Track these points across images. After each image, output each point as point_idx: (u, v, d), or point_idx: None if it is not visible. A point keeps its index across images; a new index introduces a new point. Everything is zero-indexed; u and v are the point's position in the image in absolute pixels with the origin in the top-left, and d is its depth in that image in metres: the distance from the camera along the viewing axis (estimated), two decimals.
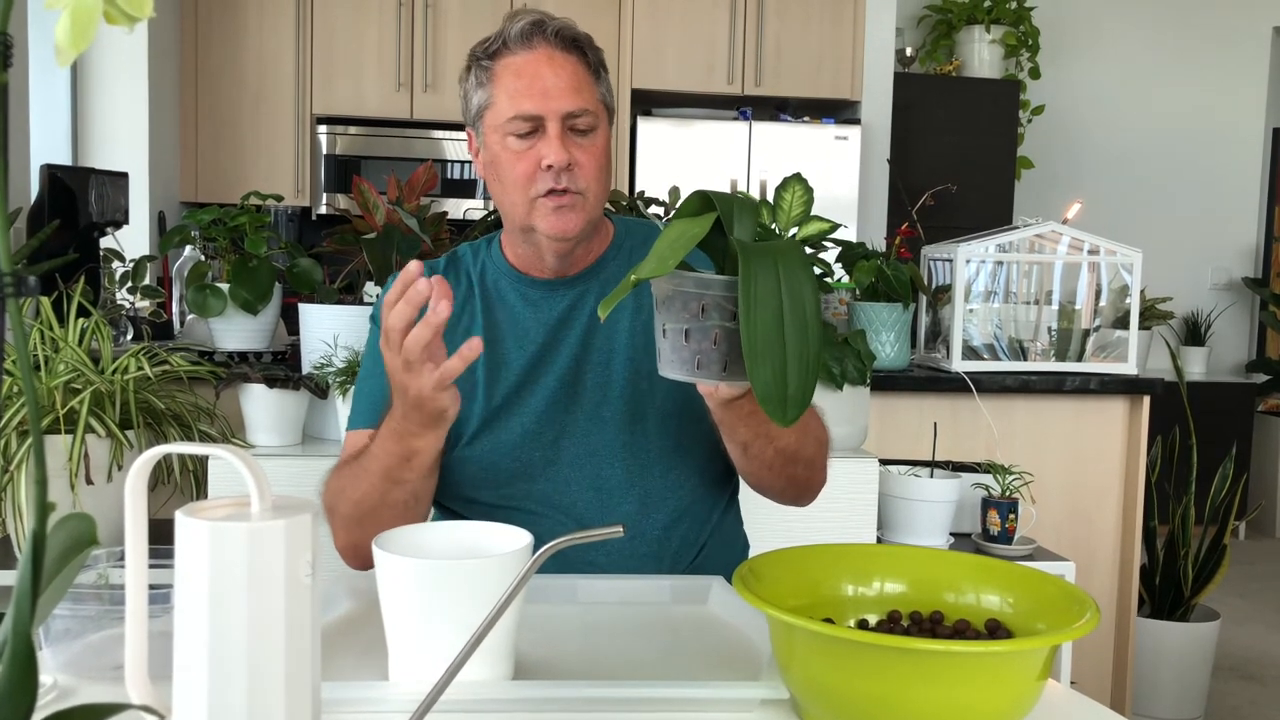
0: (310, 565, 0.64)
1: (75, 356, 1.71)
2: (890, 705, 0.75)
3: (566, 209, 1.24)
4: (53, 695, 0.85)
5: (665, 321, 0.92)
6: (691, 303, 0.90)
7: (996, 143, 4.81)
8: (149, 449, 0.64)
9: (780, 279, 0.85)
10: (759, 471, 1.24)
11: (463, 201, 4.46)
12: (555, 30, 1.24)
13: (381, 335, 1.05)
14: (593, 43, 1.29)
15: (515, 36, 1.24)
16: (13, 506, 1.64)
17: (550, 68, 1.23)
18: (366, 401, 1.30)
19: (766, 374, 0.84)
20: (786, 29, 4.45)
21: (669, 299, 0.91)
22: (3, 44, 0.44)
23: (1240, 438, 4.83)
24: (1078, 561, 2.30)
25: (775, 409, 0.85)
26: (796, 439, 1.21)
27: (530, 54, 1.23)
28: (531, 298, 1.32)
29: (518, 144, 1.23)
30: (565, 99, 1.22)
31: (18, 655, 0.48)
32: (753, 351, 0.84)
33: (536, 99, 1.22)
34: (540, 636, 0.99)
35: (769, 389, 0.84)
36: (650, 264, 0.86)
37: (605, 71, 1.31)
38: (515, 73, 1.23)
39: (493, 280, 1.35)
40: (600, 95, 1.28)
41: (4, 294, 0.45)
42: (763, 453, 1.19)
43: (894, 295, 2.35)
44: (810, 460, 1.26)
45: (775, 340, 0.84)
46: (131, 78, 3.93)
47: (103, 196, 2.38)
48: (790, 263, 0.86)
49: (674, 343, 0.92)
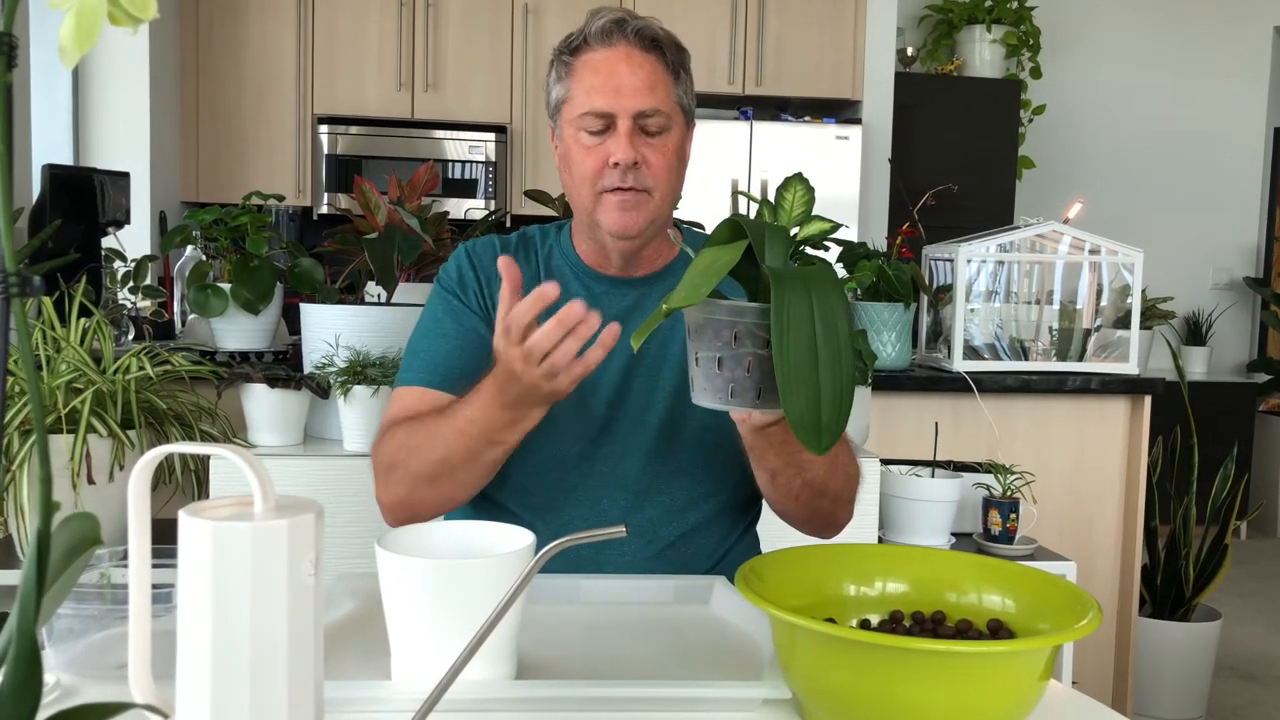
0: (313, 565, 0.65)
1: (77, 356, 1.71)
2: (892, 705, 0.75)
3: (630, 207, 1.24)
4: (56, 695, 0.85)
5: (698, 349, 0.92)
6: (724, 330, 0.89)
7: (997, 142, 4.81)
8: (151, 449, 0.64)
9: (813, 305, 0.85)
10: (785, 501, 1.24)
11: (464, 201, 4.46)
12: (636, 29, 1.24)
13: (501, 329, 1.04)
14: (676, 44, 1.29)
15: (596, 33, 1.24)
16: (15, 506, 1.64)
17: (627, 66, 1.23)
18: (425, 360, 1.29)
19: (800, 401, 0.84)
20: (787, 29, 4.45)
21: (701, 327, 0.91)
22: (8, 44, 0.44)
23: (1241, 437, 4.83)
24: (1079, 561, 2.30)
25: (809, 436, 0.85)
26: (825, 472, 1.21)
27: (609, 51, 1.24)
28: (595, 291, 1.32)
29: (589, 139, 1.24)
30: (638, 98, 1.22)
31: (22, 654, 0.48)
32: (786, 378, 0.83)
33: (609, 96, 1.22)
34: (543, 636, 0.99)
35: (802, 416, 0.84)
36: (682, 292, 0.85)
37: (686, 73, 1.30)
38: (593, 69, 1.24)
39: (558, 267, 1.35)
40: (677, 97, 1.28)
41: (8, 293, 0.45)
42: (790, 482, 1.19)
43: (895, 295, 2.35)
44: (837, 495, 1.26)
45: (809, 367, 0.84)
46: (133, 78, 3.93)
47: (104, 196, 2.38)
48: (823, 289, 0.86)
49: (707, 371, 0.92)
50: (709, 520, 1.31)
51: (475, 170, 4.48)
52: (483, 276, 1.33)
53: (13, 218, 0.45)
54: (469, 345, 1.30)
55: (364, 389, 1.81)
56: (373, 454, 1.27)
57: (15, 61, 0.46)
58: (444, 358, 1.29)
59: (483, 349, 1.30)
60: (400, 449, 1.21)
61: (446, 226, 2.07)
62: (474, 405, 1.15)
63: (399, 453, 1.21)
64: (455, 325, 1.31)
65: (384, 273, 1.87)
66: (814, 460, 1.18)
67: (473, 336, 1.30)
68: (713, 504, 1.31)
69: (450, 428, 1.17)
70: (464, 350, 1.29)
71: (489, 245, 1.36)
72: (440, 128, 4.48)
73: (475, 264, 1.34)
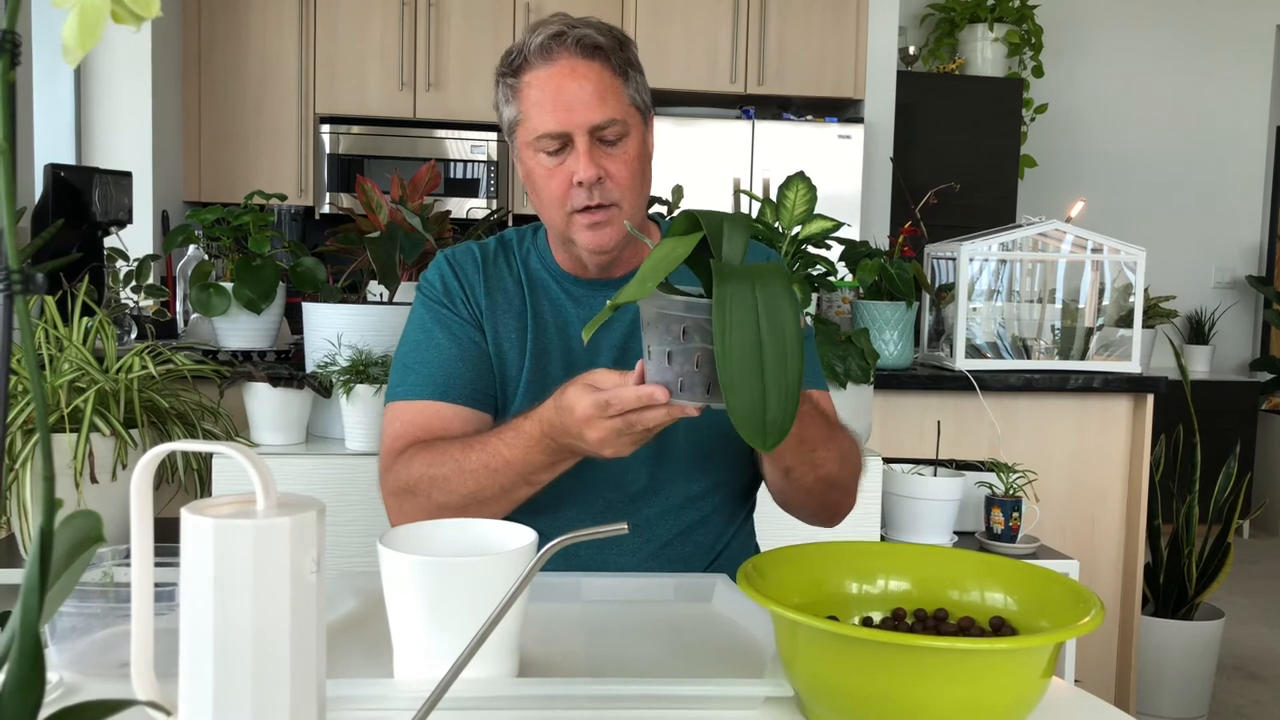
0: (315, 562, 0.65)
1: (80, 355, 1.71)
2: (894, 703, 0.75)
3: (602, 225, 1.23)
4: (58, 693, 0.85)
5: (650, 343, 0.92)
6: (674, 325, 0.89)
7: (999, 141, 4.81)
8: (153, 447, 0.64)
9: (758, 302, 0.83)
10: (797, 496, 1.24)
11: (466, 200, 4.46)
12: (576, 40, 1.21)
13: (602, 400, 1.00)
14: (619, 44, 1.25)
15: (536, 51, 1.21)
16: (17, 504, 1.64)
17: (573, 81, 1.20)
18: (421, 373, 1.28)
19: (744, 399, 0.83)
20: (789, 28, 4.45)
21: (653, 321, 0.91)
22: (11, 42, 0.44)
23: (1244, 436, 4.83)
24: (1081, 560, 2.30)
25: (754, 434, 0.84)
26: (839, 466, 1.20)
27: (552, 67, 1.20)
28: (576, 295, 1.32)
29: (548, 160, 1.22)
30: (589, 112, 1.20)
31: (25, 651, 0.48)
32: (729, 376, 0.83)
33: (561, 115, 1.20)
34: (544, 634, 0.99)
35: (747, 414, 0.83)
36: (631, 287, 0.85)
37: (635, 69, 1.26)
38: (539, 88, 1.21)
39: (536, 270, 1.35)
40: (630, 98, 1.24)
41: (11, 291, 0.45)
42: (804, 479, 1.19)
43: (897, 294, 2.35)
44: (846, 485, 1.26)
45: (753, 366, 0.83)
46: (135, 77, 3.93)
47: (106, 196, 2.38)
48: (770, 286, 0.84)
49: (658, 364, 0.92)
50: (706, 517, 1.31)
51: (477, 169, 4.48)
52: (466, 284, 1.32)
53: (15, 216, 0.45)
54: (466, 354, 1.29)
55: (366, 388, 1.81)
56: (386, 472, 1.25)
57: (18, 60, 0.46)
58: (440, 368, 1.27)
59: (479, 356, 1.30)
60: (424, 479, 1.19)
61: (449, 226, 2.07)
62: (514, 448, 1.14)
63: (421, 482, 1.19)
64: (447, 335, 1.29)
65: (386, 272, 1.87)
66: (828, 457, 1.17)
67: (468, 345, 1.29)
68: (710, 501, 1.31)
69: (482, 466, 1.15)
70: (462, 359, 1.28)
71: (468, 253, 1.35)
72: (442, 127, 4.48)
73: (458, 272, 1.33)
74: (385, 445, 1.27)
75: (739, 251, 0.89)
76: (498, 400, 1.31)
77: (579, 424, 1.03)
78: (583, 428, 1.03)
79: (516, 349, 1.30)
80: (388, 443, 1.26)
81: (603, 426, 1.01)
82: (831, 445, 1.19)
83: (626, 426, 1.00)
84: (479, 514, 1.16)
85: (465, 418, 1.26)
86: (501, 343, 1.31)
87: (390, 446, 1.26)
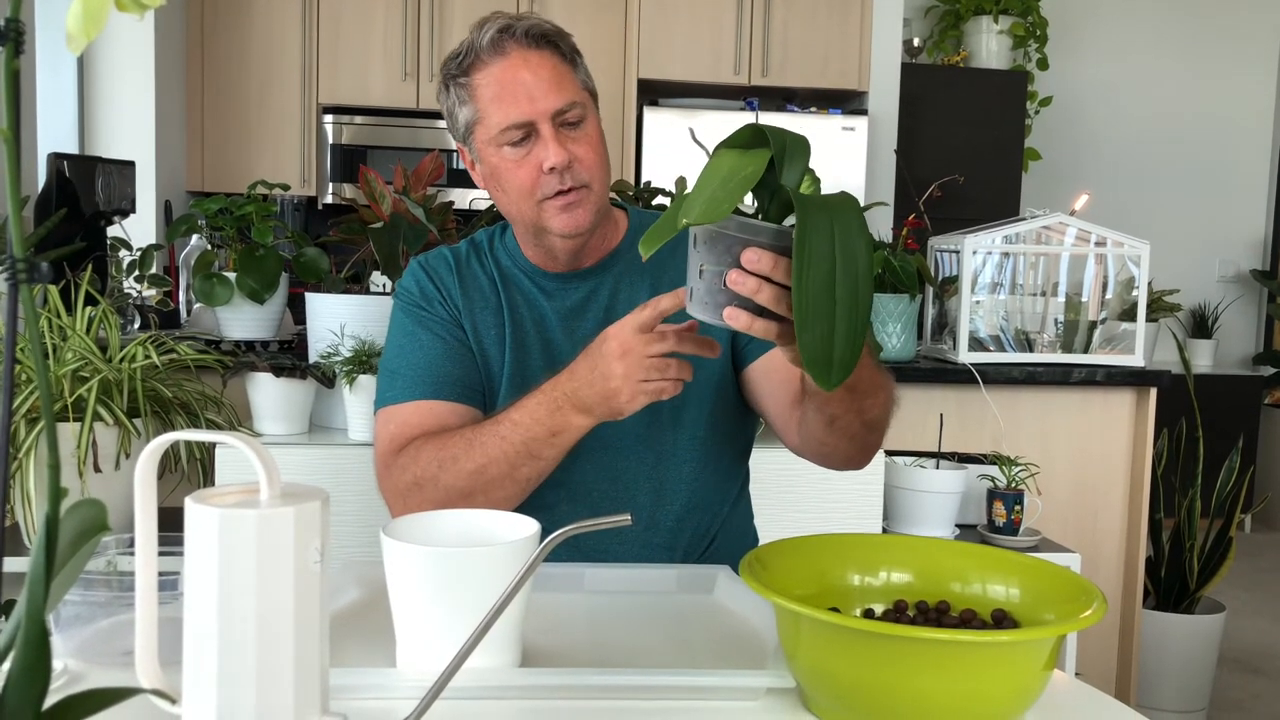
0: (319, 552, 0.65)
1: (83, 345, 1.72)
2: (896, 694, 0.75)
3: (575, 205, 1.24)
4: (63, 680, 0.85)
5: (704, 262, 0.87)
6: (735, 247, 0.85)
7: (1004, 134, 4.79)
8: (157, 437, 0.64)
9: (835, 237, 0.80)
10: (838, 442, 1.19)
11: (469, 191, 4.46)
12: (524, 30, 1.23)
13: (645, 326, 1.07)
14: (562, 32, 1.28)
15: (486, 46, 1.23)
16: (22, 493, 1.64)
17: (528, 69, 1.22)
18: (409, 375, 1.28)
19: (815, 337, 0.80)
20: (793, 19, 4.44)
21: (712, 240, 0.86)
22: (15, 31, 0.44)
23: (1247, 431, 4.82)
24: (1083, 553, 2.30)
25: (821, 373, 0.81)
26: (884, 409, 1.16)
27: (504, 61, 1.22)
28: (548, 289, 1.33)
29: (514, 152, 1.23)
30: (551, 97, 1.21)
31: (31, 639, 0.48)
32: (803, 313, 0.79)
33: (523, 104, 1.21)
34: (547, 624, 0.99)
35: (815, 352, 0.80)
36: (701, 207, 0.80)
37: (580, 56, 1.29)
38: (496, 82, 1.22)
39: (508, 268, 1.35)
40: (581, 82, 1.27)
41: (17, 280, 0.45)
42: (850, 426, 1.14)
43: (901, 286, 2.35)
44: (885, 427, 1.22)
45: (826, 302, 0.79)
46: (138, 67, 3.93)
47: (109, 185, 2.38)
48: (845, 220, 0.81)
49: (710, 285, 0.88)
50: (702, 498, 1.31)
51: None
52: (442, 287, 1.33)
53: (20, 205, 0.45)
54: (452, 351, 1.29)
55: (369, 378, 1.81)
56: (386, 472, 1.24)
57: (23, 49, 0.46)
58: (429, 368, 1.28)
59: (465, 352, 1.30)
60: (432, 463, 1.19)
61: (451, 216, 2.07)
62: (521, 408, 1.15)
63: (429, 468, 1.19)
64: (431, 335, 1.30)
65: (389, 262, 1.87)
66: (875, 401, 1.13)
67: (453, 342, 1.30)
68: (702, 480, 1.31)
69: (492, 433, 1.16)
70: (448, 356, 1.29)
71: (440, 257, 1.36)
72: None
73: (432, 276, 1.34)
74: (380, 447, 1.26)
75: (798, 176, 0.86)
76: (485, 396, 1.31)
77: (611, 356, 1.06)
78: (612, 362, 1.06)
79: (497, 345, 1.31)
80: (383, 444, 1.26)
81: (636, 354, 1.05)
82: (879, 391, 1.15)
83: (660, 364, 1.05)
84: (485, 499, 1.16)
85: (459, 413, 1.27)
86: (483, 340, 1.31)
87: (387, 448, 1.25)
